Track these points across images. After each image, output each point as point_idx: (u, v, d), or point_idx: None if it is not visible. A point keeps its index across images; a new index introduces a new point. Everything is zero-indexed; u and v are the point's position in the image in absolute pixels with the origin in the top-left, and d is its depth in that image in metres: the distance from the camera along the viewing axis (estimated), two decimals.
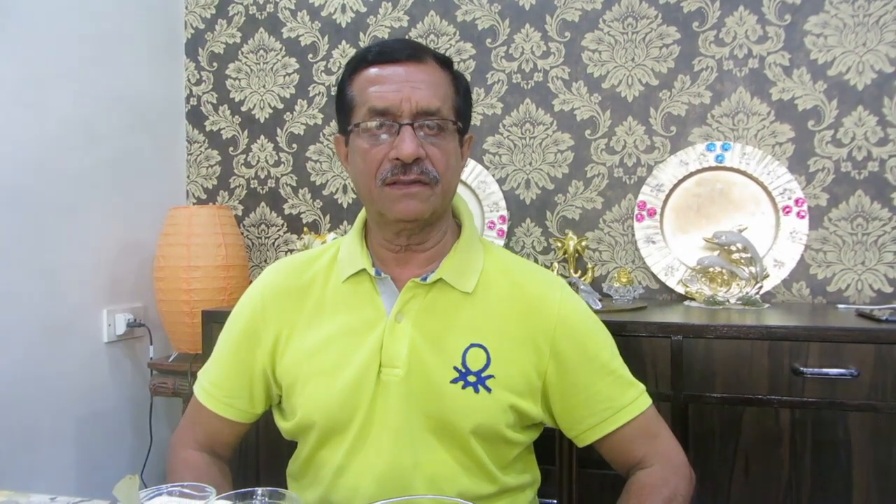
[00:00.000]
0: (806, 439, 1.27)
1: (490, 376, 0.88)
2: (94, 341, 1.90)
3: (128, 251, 2.00)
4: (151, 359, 1.97)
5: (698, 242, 1.78)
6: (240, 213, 2.21)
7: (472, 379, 0.88)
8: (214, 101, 2.23)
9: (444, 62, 0.90)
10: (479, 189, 1.94)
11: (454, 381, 0.88)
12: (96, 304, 1.90)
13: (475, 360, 0.88)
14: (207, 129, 2.24)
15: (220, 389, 0.97)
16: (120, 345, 1.98)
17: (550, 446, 1.32)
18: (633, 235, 1.84)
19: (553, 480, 1.32)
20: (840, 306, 1.63)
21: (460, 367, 0.88)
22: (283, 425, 0.97)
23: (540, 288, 0.94)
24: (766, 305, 1.65)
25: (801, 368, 1.26)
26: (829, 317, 1.46)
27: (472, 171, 1.94)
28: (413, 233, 0.90)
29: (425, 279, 0.90)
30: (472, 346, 0.89)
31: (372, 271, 0.91)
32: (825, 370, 1.25)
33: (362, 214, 0.97)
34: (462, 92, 0.91)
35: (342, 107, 0.91)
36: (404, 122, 0.83)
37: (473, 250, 0.95)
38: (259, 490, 0.70)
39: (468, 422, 0.87)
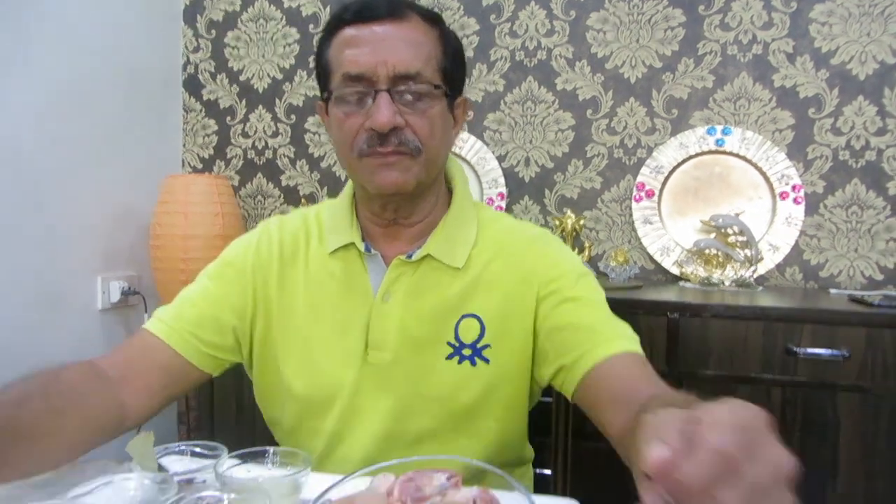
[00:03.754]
0: (796, 418, 1.30)
1: (486, 346, 0.84)
2: (88, 309, 1.89)
3: (122, 218, 1.98)
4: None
5: (695, 225, 1.80)
6: (236, 184, 2.20)
7: (467, 352, 0.84)
8: (212, 70, 2.20)
9: (431, 18, 0.82)
10: (479, 165, 1.94)
11: (449, 357, 0.84)
12: (90, 271, 1.88)
13: (468, 332, 0.84)
14: (205, 97, 2.22)
15: (184, 322, 0.86)
16: (114, 312, 1.97)
17: (546, 419, 1.34)
18: (631, 216, 1.85)
19: (548, 452, 1.34)
20: (832, 291, 1.66)
21: (453, 341, 0.84)
22: (261, 403, 0.94)
23: (532, 251, 0.88)
24: (760, 288, 1.67)
25: (794, 349, 1.29)
26: (821, 300, 1.48)
27: (472, 148, 1.94)
28: (399, 206, 0.85)
29: (410, 257, 0.85)
30: (465, 316, 0.85)
31: (361, 247, 0.87)
32: (817, 351, 1.28)
33: (351, 183, 0.92)
34: (451, 51, 0.83)
35: (320, 71, 0.84)
36: (381, 89, 0.76)
37: (465, 222, 0.89)
38: (271, 449, 0.71)
39: (467, 396, 0.84)
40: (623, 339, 0.80)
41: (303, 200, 2.09)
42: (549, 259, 0.87)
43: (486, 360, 0.84)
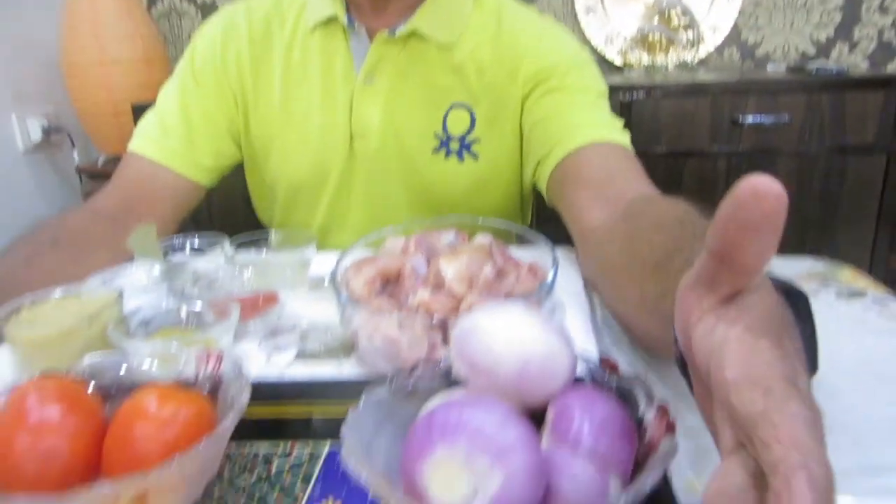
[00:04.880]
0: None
1: (475, 140, 0.79)
2: (10, 151, 1.76)
3: (23, 50, 1.79)
4: (78, 165, 1.86)
5: (636, 11, 1.78)
6: (144, 5, 1.99)
7: (454, 146, 0.79)
8: None
9: None
10: None
11: (436, 150, 0.80)
12: (1, 109, 1.73)
13: (458, 123, 0.79)
14: None
15: (179, 140, 0.80)
16: (39, 153, 1.84)
17: None
18: (573, 6, 1.80)
19: None
20: (769, 66, 1.71)
21: (441, 133, 0.79)
22: (254, 203, 0.92)
23: (524, 39, 0.79)
24: (701, 71, 1.71)
25: (740, 119, 1.35)
26: (762, 74, 1.53)
27: None
28: None
29: (394, 32, 0.77)
30: (454, 106, 0.79)
31: (343, 20, 0.78)
32: (761, 117, 1.34)
33: None
34: None
35: None
36: None
37: None
38: (272, 232, 0.71)
39: (453, 194, 0.80)
40: (606, 128, 0.72)
41: None
42: (541, 48, 0.78)
43: (475, 156, 0.80)
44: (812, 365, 0.37)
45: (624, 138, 0.73)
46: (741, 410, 0.22)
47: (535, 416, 0.32)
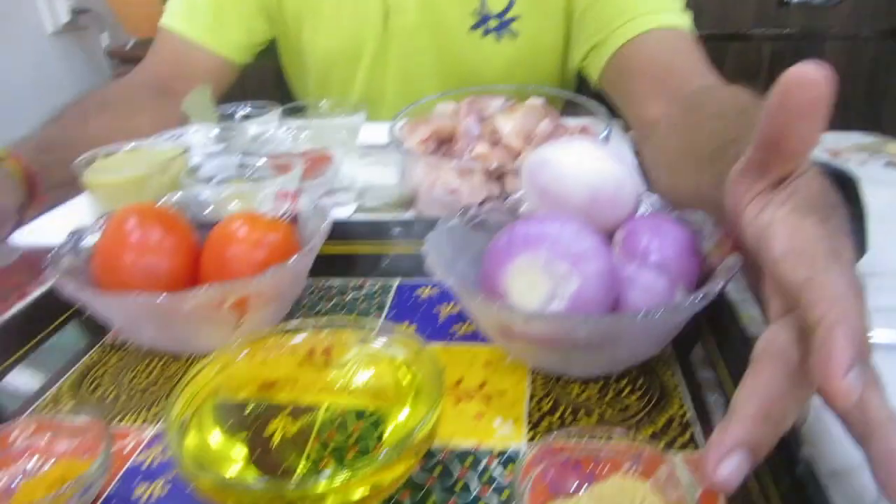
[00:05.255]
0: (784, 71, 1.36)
1: (516, 17, 0.77)
2: (38, 32, 1.75)
3: None
4: (107, 48, 1.85)
5: None
6: None
7: (493, 24, 0.77)
8: None
9: None
10: None
11: (474, 27, 0.77)
12: None
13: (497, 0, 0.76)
14: None
15: (211, 17, 0.78)
16: (68, 35, 1.83)
17: None
18: None
19: None
20: None
21: (479, 8, 0.76)
22: (289, 81, 0.92)
23: None
24: None
25: None
26: None
27: None
28: None
29: None
30: None
31: None
32: None
33: None
34: None
35: None
36: None
37: None
38: (323, 101, 0.72)
39: (489, 75, 0.79)
40: (666, 12, 0.68)
41: None
42: None
43: (514, 35, 0.78)
44: (861, 246, 0.39)
45: (685, 21, 0.69)
46: (788, 280, 0.24)
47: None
